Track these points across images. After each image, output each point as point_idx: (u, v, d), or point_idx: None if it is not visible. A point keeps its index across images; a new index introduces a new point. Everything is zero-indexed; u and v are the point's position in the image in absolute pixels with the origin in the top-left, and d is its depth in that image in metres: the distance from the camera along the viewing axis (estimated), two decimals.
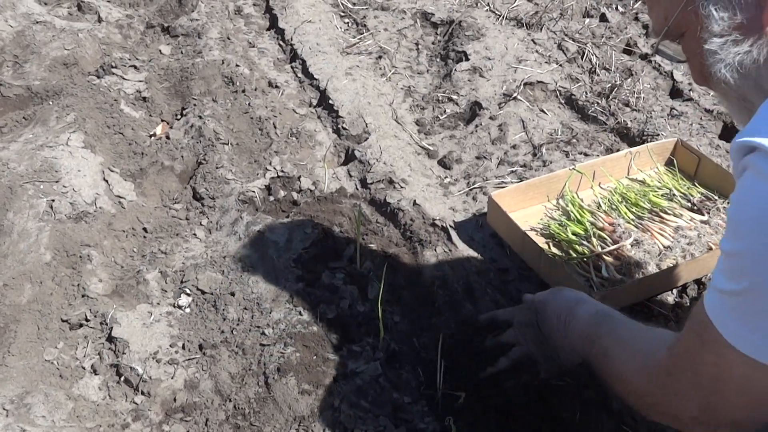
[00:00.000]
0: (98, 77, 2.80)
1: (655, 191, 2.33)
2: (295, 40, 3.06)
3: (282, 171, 2.37)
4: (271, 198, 2.29)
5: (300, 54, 2.97)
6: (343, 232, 2.16)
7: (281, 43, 3.10)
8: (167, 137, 2.53)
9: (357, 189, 2.34)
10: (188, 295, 1.98)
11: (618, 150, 2.56)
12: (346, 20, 3.27)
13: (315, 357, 1.78)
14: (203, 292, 1.98)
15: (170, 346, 1.84)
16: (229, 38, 3.03)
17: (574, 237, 2.14)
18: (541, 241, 2.16)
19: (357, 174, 2.39)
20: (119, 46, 3.03)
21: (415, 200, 2.27)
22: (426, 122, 2.67)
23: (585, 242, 2.12)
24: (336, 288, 1.96)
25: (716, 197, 2.28)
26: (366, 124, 2.58)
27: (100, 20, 3.16)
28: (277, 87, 2.80)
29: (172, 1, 3.33)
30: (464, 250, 2.16)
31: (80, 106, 2.54)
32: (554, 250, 2.15)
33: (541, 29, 3.17)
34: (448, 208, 2.31)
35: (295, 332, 1.84)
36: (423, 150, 2.54)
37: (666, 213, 2.22)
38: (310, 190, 2.32)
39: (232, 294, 1.95)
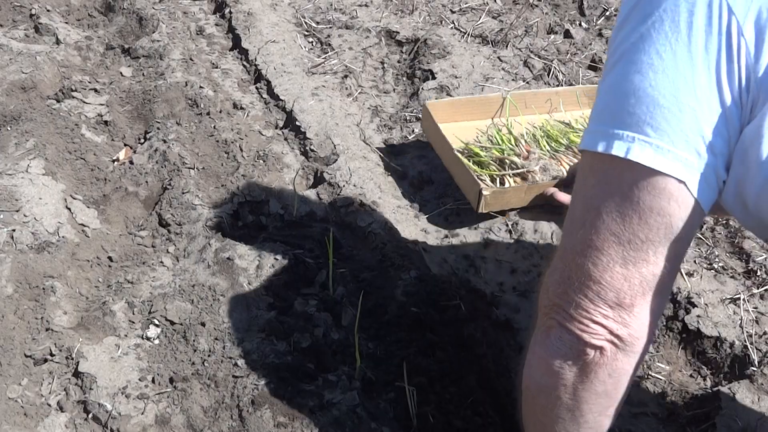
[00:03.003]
0: (58, 101, 2.73)
1: (576, 132, 2.58)
2: (259, 60, 3.01)
3: (250, 195, 2.32)
4: (240, 223, 2.25)
5: (265, 74, 2.92)
6: (314, 257, 2.12)
7: (245, 63, 3.06)
8: (131, 162, 2.47)
9: (327, 212, 2.30)
10: (157, 326, 1.92)
11: None
12: (311, 39, 3.23)
13: (290, 388, 1.74)
14: (172, 323, 1.92)
15: (139, 380, 1.78)
16: (191, 59, 2.98)
17: (487, 156, 2.44)
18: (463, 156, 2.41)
19: (326, 197, 2.35)
20: (78, 68, 2.96)
21: (386, 222, 2.24)
22: (395, 142, 2.64)
23: (496, 164, 2.42)
24: (309, 316, 1.91)
25: None
26: (334, 145, 2.54)
27: (58, 42, 3.08)
28: (242, 109, 2.75)
29: (132, 22, 3.27)
30: (436, 271, 2.13)
31: (40, 131, 2.47)
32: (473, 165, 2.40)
33: (506, 46, 3.16)
34: (420, 230, 2.28)
35: (269, 363, 1.79)
36: (392, 171, 2.51)
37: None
38: (280, 214, 2.28)
39: (203, 324, 1.89)
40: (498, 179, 2.36)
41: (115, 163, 2.50)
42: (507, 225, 2.28)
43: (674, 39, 1.11)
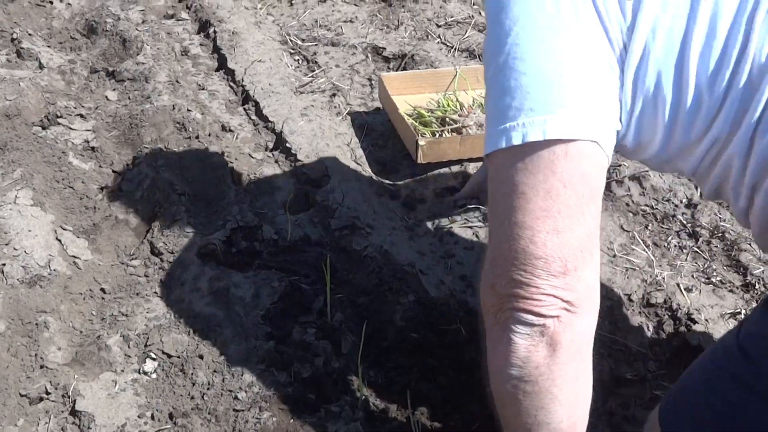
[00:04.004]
0: (43, 128, 2.69)
1: None
2: (246, 81, 2.98)
3: (243, 220, 2.29)
4: (233, 250, 2.22)
5: (252, 95, 2.90)
6: (310, 282, 2.09)
7: (232, 84, 3.03)
8: (120, 189, 2.44)
9: (321, 236, 2.28)
10: (153, 359, 1.89)
11: None
12: (297, 57, 3.21)
13: (292, 420, 1.71)
14: (169, 356, 1.89)
15: (138, 416, 1.75)
16: (178, 81, 2.95)
17: (431, 117, 2.68)
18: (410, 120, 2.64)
19: (320, 220, 2.33)
20: (63, 93, 2.92)
21: (382, 245, 2.22)
22: (386, 161, 2.62)
23: (438, 122, 2.66)
24: (308, 345, 1.89)
25: None
26: (326, 167, 2.52)
27: (41, 67, 3.05)
28: (231, 131, 2.72)
29: (115, 44, 3.23)
30: (435, 295, 2.10)
31: (27, 160, 2.43)
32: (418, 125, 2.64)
33: None
34: (416, 252, 2.26)
35: (270, 395, 1.77)
36: (385, 190, 2.49)
37: None
38: (273, 239, 2.25)
39: (201, 356, 1.86)
40: (438, 135, 2.59)
41: (104, 190, 2.46)
42: None
43: (550, 15, 1.23)
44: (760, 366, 1.31)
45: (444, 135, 2.59)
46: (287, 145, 2.62)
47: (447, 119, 2.66)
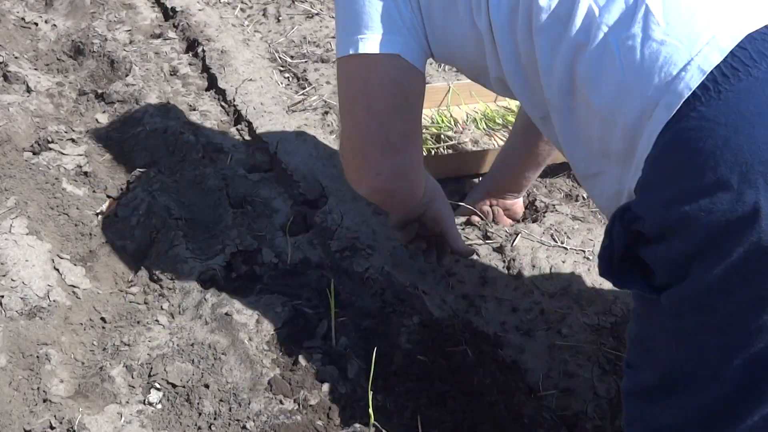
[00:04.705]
0: (34, 153, 2.66)
1: (514, 114, 2.74)
2: (237, 100, 2.97)
3: (242, 244, 2.27)
4: (234, 275, 2.20)
5: (245, 115, 2.88)
6: (313, 306, 2.07)
7: (223, 104, 3.01)
8: (115, 215, 2.41)
9: (322, 258, 2.26)
10: (158, 390, 1.86)
11: (578, 195, 2.55)
12: (287, 75, 3.19)
13: None
14: (174, 386, 1.87)
15: None
16: (168, 102, 2.93)
17: (425, 134, 2.68)
18: None
19: (320, 242, 2.31)
20: (53, 117, 2.89)
21: (383, 266, 2.21)
22: None
23: (433, 139, 2.69)
24: (315, 370, 1.87)
25: None
26: (323, 187, 2.51)
27: (29, 90, 3.01)
28: (225, 152, 2.70)
29: (103, 65, 3.21)
30: (439, 316, 2.10)
31: (20, 188, 2.40)
32: None
33: None
34: (417, 271, 2.25)
35: (279, 423, 1.75)
36: (383, 210, 2.47)
37: None
38: (274, 263, 2.23)
39: (206, 386, 1.84)
40: (433, 152, 2.63)
41: (99, 216, 2.44)
42: (505, 261, 2.26)
43: None
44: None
45: (439, 152, 2.59)
46: (282, 166, 2.60)
47: (442, 136, 2.65)
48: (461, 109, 2.87)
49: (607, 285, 2.16)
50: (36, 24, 3.52)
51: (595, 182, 1.51)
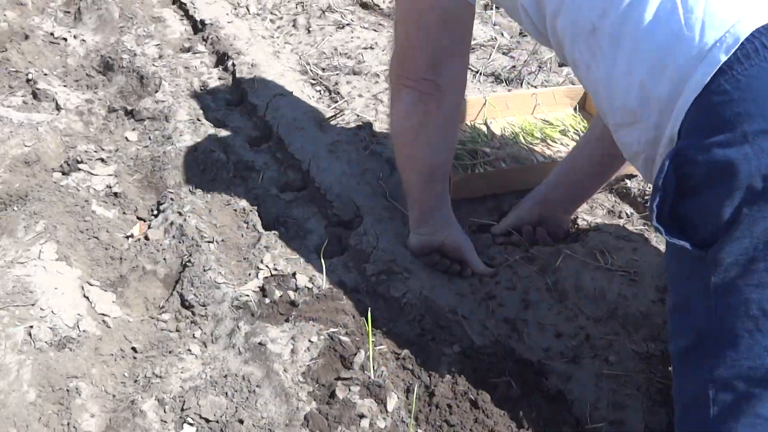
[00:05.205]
0: (64, 173, 2.62)
1: (554, 129, 2.75)
2: (268, 116, 2.90)
3: (275, 268, 2.21)
4: (267, 300, 2.13)
5: (276, 132, 2.81)
6: (349, 333, 2.00)
7: (254, 119, 2.95)
8: (146, 238, 2.36)
9: (357, 282, 2.19)
10: (191, 425, 1.80)
11: (620, 211, 2.46)
12: (318, 88, 3.13)
13: None
14: (208, 421, 1.80)
15: None
16: (198, 119, 2.87)
17: (462, 150, 2.61)
18: None
19: (355, 265, 2.24)
20: (82, 135, 2.85)
21: (421, 290, 2.13)
22: None
23: (470, 155, 2.60)
24: (353, 404, 1.80)
25: None
26: (357, 207, 2.44)
27: (58, 108, 2.98)
28: (256, 170, 2.64)
29: (132, 81, 3.16)
30: (479, 342, 2.01)
31: (49, 211, 2.35)
32: None
33: (521, 84, 3.07)
34: (456, 294, 2.17)
35: None
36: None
37: (554, 141, 2.70)
38: (308, 288, 2.16)
39: (240, 421, 1.78)
40: (469, 168, 2.55)
41: (130, 239, 2.38)
42: (547, 283, 2.18)
43: None
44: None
45: (477, 169, 2.50)
46: (315, 184, 2.54)
47: (479, 152, 2.57)
48: (498, 122, 2.78)
49: (655, 309, 2.07)
50: (65, 39, 3.49)
51: (631, 129, 1.57)
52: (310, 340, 1.96)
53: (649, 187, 2.48)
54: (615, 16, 1.52)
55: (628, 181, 2.55)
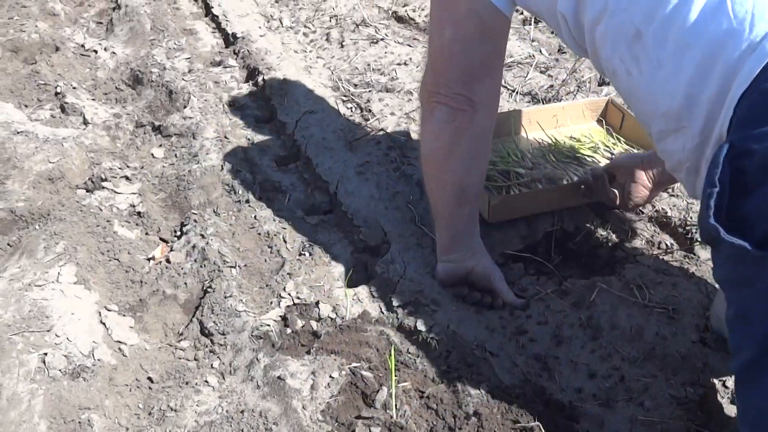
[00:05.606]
0: (88, 190, 2.57)
1: (584, 145, 2.69)
2: (297, 134, 2.83)
3: (298, 297, 2.13)
4: (288, 330, 2.06)
5: (304, 151, 2.75)
6: (372, 368, 1.92)
7: (283, 138, 2.88)
8: (167, 261, 2.30)
9: (382, 313, 2.11)
10: None
11: (659, 242, 2.36)
12: (349, 105, 3.05)
13: None
14: None
15: None
16: (226, 137, 2.81)
17: (494, 170, 2.52)
18: None
19: (380, 294, 2.16)
20: (108, 151, 2.80)
21: (448, 324, 2.04)
22: None
23: (502, 176, 2.50)
24: None
25: (635, 149, 2.64)
26: (385, 233, 2.36)
27: (85, 122, 2.94)
28: (282, 191, 2.57)
29: (161, 96, 3.12)
30: (508, 381, 1.92)
31: (70, 232, 2.31)
32: None
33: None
34: (484, 328, 2.08)
35: None
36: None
37: (585, 159, 2.62)
38: (331, 318, 2.09)
39: None
40: (504, 190, 2.46)
41: (151, 261, 2.33)
42: (581, 318, 2.08)
43: None
44: None
45: (512, 190, 2.42)
46: (343, 208, 2.46)
47: (511, 172, 2.48)
48: (522, 137, 2.72)
49: (695, 350, 1.96)
50: (95, 51, 3.46)
51: (676, 136, 1.55)
52: (330, 376, 1.88)
53: (691, 217, 2.38)
54: (661, 18, 1.51)
55: (668, 210, 2.44)
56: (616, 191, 2.33)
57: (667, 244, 2.35)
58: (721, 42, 1.40)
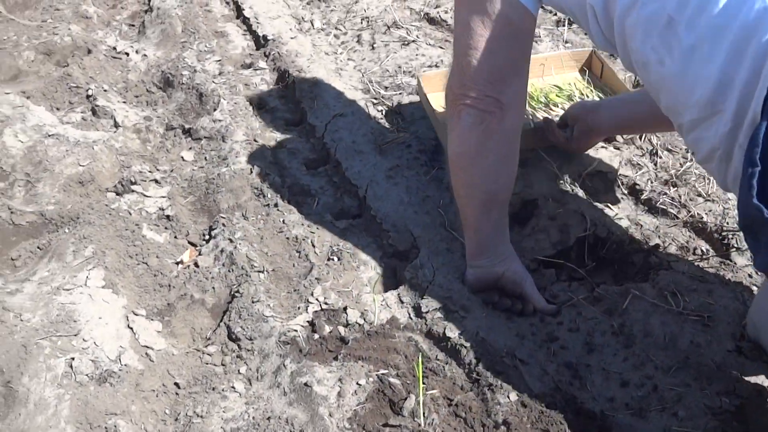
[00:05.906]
0: (117, 194, 2.57)
1: (562, 93, 2.83)
2: (327, 138, 2.82)
3: (325, 302, 2.12)
4: (316, 336, 2.04)
5: (334, 154, 2.72)
6: (400, 375, 1.90)
7: (312, 141, 2.87)
8: (196, 265, 2.29)
9: (410, 319, 2.08)
10: None
11: (695, 248, 2.31)
12: (380, 108, 3.02)
13: None
14: None
15: None
16: (255, 140, 2.80)
17: None
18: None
19: (409, 300, 2.13)
20: (138, 154, 2.80)
21: (478, 331, 2.01)
22: None
23: None
24: None
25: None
26: (414, 237, 2.33)
27: (116, 125, 2.94)
28: (311, 195, 2.56)
29: (192, 98, 3.11)
30: (538, 389, 1.89)
31: (99, 236, 2.31)
32: None
33: None
34: (515, 335, 2.04)
35: None
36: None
37: (556, 106, 2.77)
38: (359, 324, 2.07)
39: None
40: None
41: (179, 265, 2.32)
42: (613, 326, 2.04)
43: None
44: None
45: None
46: (372, 212, 2.44)
47: None
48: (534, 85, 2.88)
49: (731, 360, 1.91)
50: (127, 54, 3.47)
51: (710, 124, 1.55)
52: (358, 383, 1.86)
53: (727, 222, 2.33)
54: (693, 5, 1.53)
55: (704, 215, 2.39)
56: (564, 135, 2.50)
57: (702, 250, 2.30)
58: (754, 24, 1.42)
